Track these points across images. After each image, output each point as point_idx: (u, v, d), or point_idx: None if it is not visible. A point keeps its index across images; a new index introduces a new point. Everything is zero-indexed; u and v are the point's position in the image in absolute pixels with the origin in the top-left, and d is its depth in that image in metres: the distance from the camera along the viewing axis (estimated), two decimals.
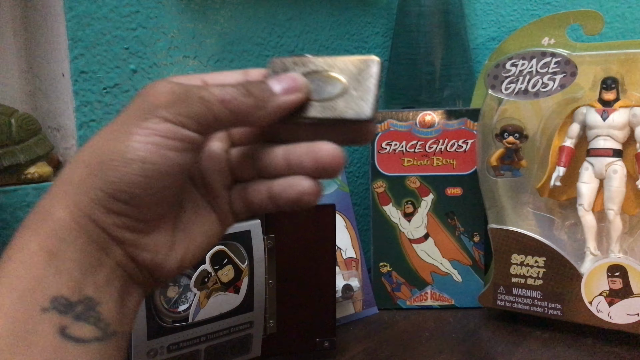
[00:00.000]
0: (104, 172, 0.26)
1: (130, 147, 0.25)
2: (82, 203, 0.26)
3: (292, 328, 0.60)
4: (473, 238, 0.77)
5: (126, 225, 0.27)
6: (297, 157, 0.30)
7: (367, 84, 0.30)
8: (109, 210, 0.26)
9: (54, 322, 0.24)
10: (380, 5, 0.91)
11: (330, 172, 0.29)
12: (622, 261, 0.64)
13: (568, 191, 0.69)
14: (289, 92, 0.30)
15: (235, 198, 0.32)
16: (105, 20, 0.61)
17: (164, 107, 0.26)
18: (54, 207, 0.26)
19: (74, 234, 0.25)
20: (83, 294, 0.25)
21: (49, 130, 0.64)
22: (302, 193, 0.29)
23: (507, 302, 0.70)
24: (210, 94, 0.27)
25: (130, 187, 0.26)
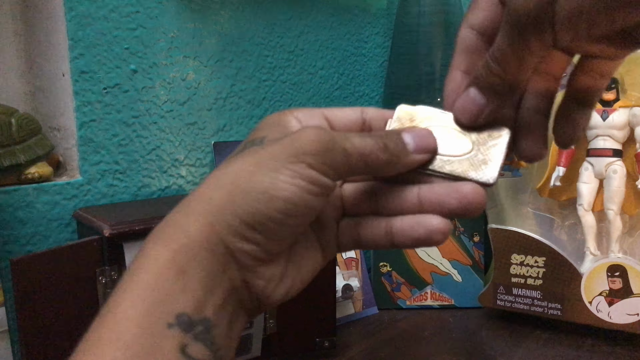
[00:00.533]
0: (247, 202, 0.27)
1: (276, 185, 0.27)
2: (218, 225, 0.27)
3: (292, 328, 0.60)
4: (473, 238, 0.77)
5: (253, 254, 0.28)
6: (435, 195, 0.30)
7: (495, 151, 0.30)
8: (242, 237, 0.27)
9: (177, 339, 0.24)
10: (380, 5, 0.91)
11: (474, 211, 0.30)
12: (622, 261, 0.64)
13: (568, 191, 0.69)
14: (421, 151, 0.31)
15: (343, 232, 0.33)
16: (105, 20, 0.61)
17: (311, 154, 0.28)
18: (187, 224, 0.27)
19: (204, 254, 0.26)
20: (203, 314, 0.26)
21: (49, 130, 0.64)
22: (432, 231, 0.30)
23: (507, 302, 0.70)
24: (352, 147, 0.29)
25: (269, 220, 0.27)
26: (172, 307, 0.25)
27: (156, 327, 0.24)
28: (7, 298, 0.53)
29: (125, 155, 0.64)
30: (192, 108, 0.69)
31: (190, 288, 0.25)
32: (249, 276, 0.28)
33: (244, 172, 0.28)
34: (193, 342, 0.25)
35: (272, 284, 0.29)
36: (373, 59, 0.91)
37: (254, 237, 0.27)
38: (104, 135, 0.62)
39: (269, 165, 0.27)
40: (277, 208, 0.27)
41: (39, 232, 0.58)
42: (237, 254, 0.27)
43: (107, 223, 0.51)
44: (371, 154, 0.29)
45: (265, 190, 0.27)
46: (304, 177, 0.27)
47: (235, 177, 0.28)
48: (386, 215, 0.32)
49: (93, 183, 0.62)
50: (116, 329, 0.24)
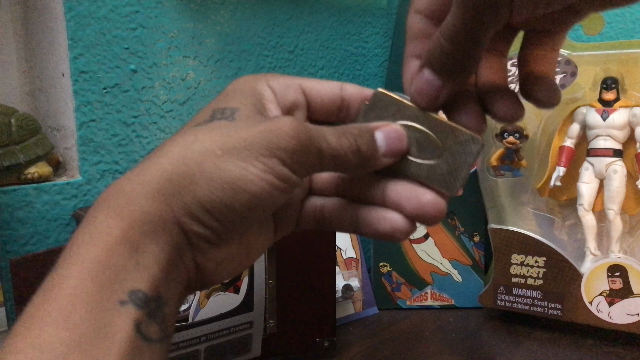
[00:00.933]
0: (211, 189, 0.26)
1: (245, 178, 0.26)
2: (176, 206, 0.26)
3: (292, 328, 0.60)
4: (473, 238, 0.76)
5: (207, 238, 0.27)
6: (396, 196, 0.30)
7: (462, 162, 0.30)
8: (198, 221, 0.26)
9: (131, 316, 0.23)
10: (381, 5, 0.91)
11: (429, 221, 0.30)
12: (622, 261, 0.64)
13: (568, 191, 0.69)
14: (392, 155, 0.30)
15: (307, 210, 0.33)
16: (105, 20, 0.61)
17: (286, 151, 0.26)
18: (141, 198, 0.25)
19: (158, 232, 0.25)
20: (157, 292, 0.25)
21: (49, 130, 0.64)
22: (395, 229, 0.30)
23: (507, 302, 0.70)
24: (327, 147, 0.28)
25: (231, 211, 0.26)
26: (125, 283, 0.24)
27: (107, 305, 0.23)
28: (7, 298, 0.53)
29: (125, 155, 0.64)
30: (192, 108, 0.69)
31: (144, 265, 0.24)
32: (201, 258, 0.28)
33: (211, 155, 0.26)
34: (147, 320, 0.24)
35: (222, 266, 0.29)
36: (373, 58, 0.91)
37: (210, 223, 0.26)
38: (104, 135, 0.62)
39: (240, 154, 0.26)
40: (242, 201, 0.26)
41: (38, 232, 0.58)
42: (191, 236, 0.27)
43: None
44: (343, 157, 0.28)
45: (233, 181, 0.26)
46: (275, 173, 0.26)
47: (200, 158, 0.26)
48: (350, 199, 0.31)
49: (93, 183, 0.62)
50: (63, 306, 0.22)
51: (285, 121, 0.27)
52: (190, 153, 0.26)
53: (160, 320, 0.24)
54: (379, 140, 0.30)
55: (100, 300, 0.23)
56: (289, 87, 0.31)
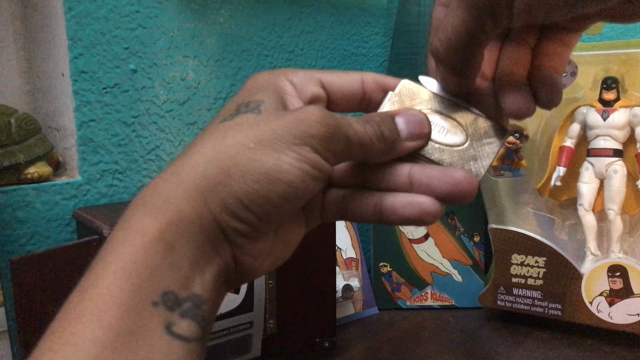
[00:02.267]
0: (247, 182, 0.26)
1: (280, 167, 0.26)
2: (212, 203, 0.26)
3: (292, 328, 0.60)
4: (473, 238, 0.76)
5: (245, 233, 0.27)
6: (426, 177, 0.30)
7: (488, 149, 0.30)
8: (235, 217, 0.26)
9: (162, 318, 0.23)
10: (381, 5, 0.91)
11: (464, 198, 0.29)
12: (622, 261, 0.64)
13: (568, 191, 0.69)
14: (414, 138, 0.30)
15: (329, 203, 0.32)
16: (105, 20, 0.61)
17: (316, 138, 0.27)
18: (178, 197, 0.26)
19: (195, 231, 0.25)
20: (191, 290, 0.25)
21: (49, 130, 0.64)
22: (425, 212, 0.30)
23: (507, 302, 0.70)
24: (354, 134, 0.28)
25: (267, 203, 0.26)
26: (159, 284, 0.24)
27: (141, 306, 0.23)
28: (7, 298, 0.53)
29: (124, 155, 0.64)
30: (192, 108, 0.69)
31: (178, 265, 0.25)
32: (239, 253, 0.28)
33: (244, 149, 0.26)
34: (180, 320, 0.24)
35: (259, 260, 0.29)
36: (373, 58, 0.91)
37: (248, 217, 0.26)
38: (104, 135, 0.62)
39: (272, 145, 0.26)
40: (278, 191, 0.26)
41: (38, 232, 0.58)
42: (229, 232, 0.27)
43: (107, 223, 0.50)
44: (369, 143, 0.29)
45: (268, 172, 0.26)
46: (308, 160, 0.26)
47: (234, 152, 0.26)
48: (374, 189, 0.31)
49: (92, 183, 0.62)
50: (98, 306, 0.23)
51: (312, 110, 0.27)
52: (223, 148, 0.26)
53: (200, 318, 0.25)
54: (400, 125, 0.30)
55: (134, 301, 0.23)
56: (308, 81, 0.31)
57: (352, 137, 0.28)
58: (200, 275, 0.26)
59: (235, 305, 0.55)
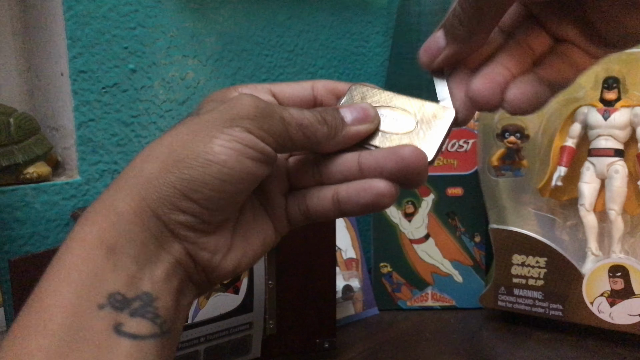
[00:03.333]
0: (180, 170, 0.26)
1: (211, 149, 0.26)
2: (149, 198, 0.26)
3: (292, 329, 0.60)
4: (474, 238, 0.76)
5: (191, 225, 0.27)
6: (375, 162, 0.30)
7: (437, 130, 0.31)
8: (177, 208, 0.26)
9: (110, 319, 0.24)
10: (381, 4, 0.91)
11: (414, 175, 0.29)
12: (623, 261, 0.64)
13: (569, 191, 0.69)
14: (359, 122, 0.31)
15: (292, 205, 0.33)
16: (104, 20, 0.61)
17: (247, 118, 0.27)
18: (117, 200, 0.26)
19: (136, 229, 0.26)
20: (140, 289, 0.25)
21: (48, 130, 0.64)
22: (379, 195, 0.29)
23: (508, 303, 0.70)
24: (290, 116, 0.28)
25: (205, 187, 0.26)
26: (103, 287, 0.24)
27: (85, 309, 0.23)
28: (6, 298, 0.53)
29: (124, 155, 0.64)
30: (192, 108, 0.69)
31: (122, 266, 0.25)
32: (191, 248, 0.28)
33: (178, 141, 0.27)
34: (130, 319, 0.24)
35: (219, 256, 0.29)
36: (373, 58, 0.91)
37: (189, 207, 0.26)
38: (103, 135, 0.62)
39: (204, 132, 0.27)
40: (213, 173, 0.26)
41: (37, 232, 0.58)
42: (171, 225, 0.26)
43: None
44: (310, 126, 0.29)
45: (200, 156, 0.26)
46: (240, 140, 0.27)
47: (168, 146, 0.27)
48: (330, 184, 0.31)
49: (92, 183, 0.62)
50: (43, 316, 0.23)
51: (243, 97, 0.28)
52: (158, 146, 0.27)
53: (152, 315, 0.25)
54: (343, 112, 0.31)
55: (79, 306, 0.23)
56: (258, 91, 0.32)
57: (287, 118, 0.28)
58: (148, 273, 0.25)
59: (235, 305, 0.55)
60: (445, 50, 0.30)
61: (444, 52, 0.30)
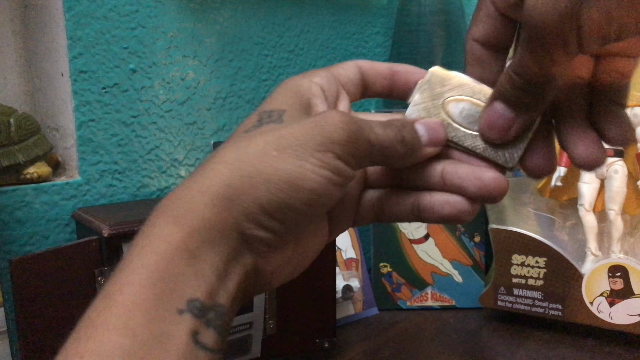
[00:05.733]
0: (270, 190, 0.26)
1: (303, 175, 0.26)
2: (236, 211, 0.26)
3: (292, 329, 0.60)
4: (474, 238, 0.76)
5: (268, 241, 0.27)
6: (457, 178, 0.30)
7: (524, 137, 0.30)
8: (260, 225, 0.26)
9: (188, 325, 0.23)
10: (381, 4, 0.91)
11: (493, 199, 0.30)
12: (623, 261, 0.64)
13: (569, 191, 0.69)
14: (433, 144, 0.30)
15: (365, 205, 0.33)
16: (104, 20, 0.61)
17: (339, 144, 0.27)
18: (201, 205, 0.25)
19: (218, 239, 0.25)
20: (216, 300, 0.25)
21: (48, 130, 0.64)
22: (461, 212, 0.30)
23: (507, 303, 0.70)
24: (376, 138, 0.28)
25: (291, 211, 0.26)
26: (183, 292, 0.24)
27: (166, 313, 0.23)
28: (6, 299, 0.53)
29: (124, 155, 0.64)
30: (192, 108, 0.69)
31: (203, 274, 0.24)
32: (261, 262, 0.28)
33: (267, 157, 0.26)
34: (205, 329, 0.24)
35: (279, 270, 0.29)
36: (373, 58, 0.91)
37: (271, 226, 0.26)
38: (103, 135, 0.62)
39: (294, 152, 0.26)
40: (302, 199, 0.26)
41: (37, 233, 0.58)
42: (252, 241, 0.26)
43: (106, 223, 0.50)
44: (390, 147, 0.29)
45: (291, 180, 0.26)
46: (330, 167, 0.27)
47: (257, 160, 0.26)
48: (409, 189, 0.32)
49: (92, 183, 0.62)
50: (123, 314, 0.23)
51: (332, 115, 0.27)
52: (246, 157, 0.26)
53: (221, 329, 0.25)
54: (420, 131, 0.30)
55: (159, 309, 0.23)
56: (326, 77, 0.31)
57: (374, 141, 0.28)
58: (224, 285, 0.25)
59: None
60: (519, 121, 0.29)
61: (516, 124, 0.29)
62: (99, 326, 0.23)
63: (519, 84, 0.27)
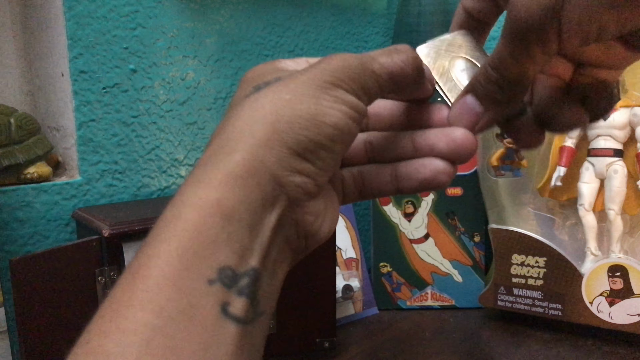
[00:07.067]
0: (295, 130, 0.26)
1: (323, 111, 0.26)
2: (268, 160, 0.25)
3: (292, 328, 0.60)
4: (473, 238, 0.76)
5: (306, 187, 0.27)
6: (427, 141, 0.31)
7: None
8: (295, 170, 0.26)
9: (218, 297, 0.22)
10: (381, 5, 0.91)
11: (465, 155, 0.30)
12: (622, 261, 0.64)
13: (569, 191, 0.69)
14: None
15: (348, 181, 0.33)
16: (104, 20, 0.61)
17: (345, 80, 0.27)
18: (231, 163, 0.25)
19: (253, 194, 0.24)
20: (249, 264, 0.24)
21: (49, 130, 0.64)
22: (437, 172, 0.30)
23: (507, 303, 0.70)
24: (380, 67, 0.28)
25: (318, 148, 0.26)
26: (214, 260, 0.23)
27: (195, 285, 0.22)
28: (7, 298, 0.53)
29: (124, 155, 0.64)
30: (192, 108, 0.69)
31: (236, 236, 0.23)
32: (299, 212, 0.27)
33: (282, 102, 0.26)
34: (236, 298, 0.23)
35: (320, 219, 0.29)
36: None
37: (304, 168, 0.26)
38: (103, 135, 0.62)
39: (308, 93, 0.26)
40: (326, 134, 0.26)
41: (38, 232, 0.58)
42: (289, 188, 0.26)
43: (107, 223, 0.50)
44: (399, 72, 0.29)
45: (313, 117, 0.26)
46: (345, 102, 0.27)
47: (274, 107, 0.26)
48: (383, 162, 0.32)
49: (92, 183, 0.62)
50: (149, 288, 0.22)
51: (332, 57, 0.28)
52: (260, 108, 0.26)
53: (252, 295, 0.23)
54: None
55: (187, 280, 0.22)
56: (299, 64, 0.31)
57: (379, 70, 0.28)
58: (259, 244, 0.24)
59: None
60: (486, 117, 0.29)
61: (484, 119, 0.29)
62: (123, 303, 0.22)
63: (494, 78, 0.28)
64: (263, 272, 0.24)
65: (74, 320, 0.48)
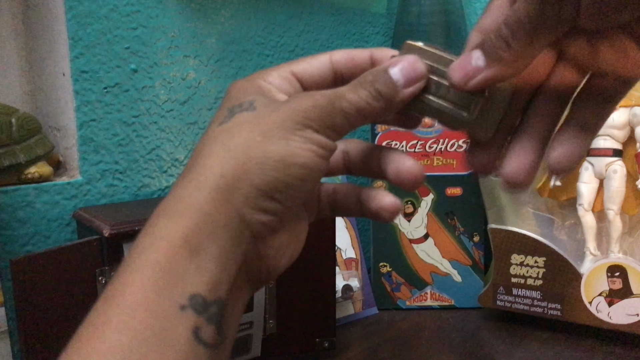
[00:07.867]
0: (264, 171, 0.27)
1: (292, 152, 0.27)
2: (235, 199, 0.26)
3: (292, 328, 0.60)
4: (473, 238, 0.77)
5: (270, 224, 0.28)
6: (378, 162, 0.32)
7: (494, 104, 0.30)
8: (261, 209, 0.27)
9: (190, 322, 0.24)
10: (381, 5, 0.91)
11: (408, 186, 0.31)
12: (622, 261, 0.64)
13: (568, 191, 0.69)
14: (412, 83, 0.30)
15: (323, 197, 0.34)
16: (105, 20, 0.61)
17: (314, 120, 0.28)
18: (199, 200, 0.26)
19: (220, 231, 0.26)
20: (217, 295, 0.25)
21: (49, 130, 0.64)
22: (381, 208, 0.32)
23: (506, 303, 0.70)
24: (349, 105, 0.29)
25: (287, 188, 0.27)
26: (185, 288, 0.24)
27: (167, 310, 0.23)
28: (7, 298, 0.53)
29: (125, 155, 0.64)
30: (193, 107, 0.69)
31: (205, 268, 0.25)
32: (262, 247, 0.28)
33: (253, 142, 0.27)
34: (206, 325, 0.24)
35: (280, 253, 0.30)
36: None
37: (271, 207, 0.27)
38: (104, 134, 0.62)
39: (278, 135, 0.27)
40: (295, 174, 0.27)
41: (38, 232, 0.58)
42: (254, 226, 0.27)
43: (107, 223, 0.50)
44: (366, 107, 0.29)
45: (282, 158, 0.27)
46: (314, 142, 0.28)
47: (245, 147, 0.27)
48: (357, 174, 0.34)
49: (93, 183, 0.62)
50: (124, 312, 0.23)
51: (303, 96, 0.29)
52: (233, 147, 0.27)
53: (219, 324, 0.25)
54: (395, 75, 0.29)
55: (160, 305, 0.23)
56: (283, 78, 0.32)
57: (347, 109, 0.29)
58: (226, 276, 0.26)
59: None
60: (485, 72, 0.28)
61: (482, 74, 0.28)
62: (99, 325, 0.23)
63: (504, 35, 0.26)
64: (228, 303, 0.26)
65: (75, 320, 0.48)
